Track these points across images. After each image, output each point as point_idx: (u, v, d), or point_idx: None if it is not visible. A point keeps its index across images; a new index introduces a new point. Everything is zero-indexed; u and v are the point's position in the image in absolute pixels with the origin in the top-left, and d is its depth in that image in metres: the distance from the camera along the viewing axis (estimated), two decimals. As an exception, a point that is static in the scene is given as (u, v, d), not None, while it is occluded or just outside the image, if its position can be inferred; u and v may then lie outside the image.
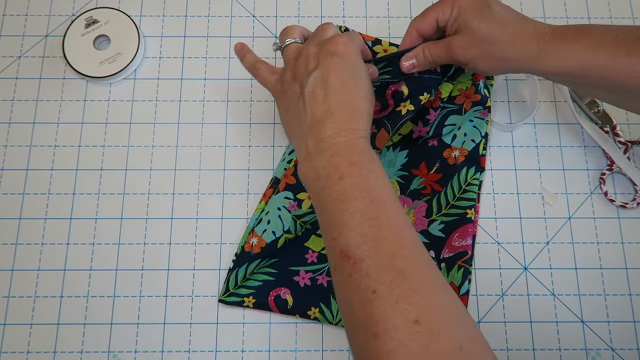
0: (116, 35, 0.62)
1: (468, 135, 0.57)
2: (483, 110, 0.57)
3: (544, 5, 0.65)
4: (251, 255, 0.54)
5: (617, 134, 0.59)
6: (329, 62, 0.44)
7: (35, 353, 0.54)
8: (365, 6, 0.65)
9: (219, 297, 0.55)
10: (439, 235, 0.55)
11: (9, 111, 0.61)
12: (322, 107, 0.43)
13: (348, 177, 0.40)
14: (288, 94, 0.47)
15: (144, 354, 0.54)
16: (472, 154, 0.57)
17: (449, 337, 0.34)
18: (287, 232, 0.54)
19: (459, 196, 0.56)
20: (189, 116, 0.61)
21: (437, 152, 0.57)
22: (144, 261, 0.56)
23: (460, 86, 0.56)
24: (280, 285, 0.55)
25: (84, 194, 0.58)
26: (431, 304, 0.36)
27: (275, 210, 0.54)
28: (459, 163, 0.56)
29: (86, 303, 0.55)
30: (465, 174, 0.56)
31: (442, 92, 0.54)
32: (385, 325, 0.35)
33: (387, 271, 0.36)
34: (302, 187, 0.54)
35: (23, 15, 0.64)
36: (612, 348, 0.54)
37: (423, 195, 0.57)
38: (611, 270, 0.56)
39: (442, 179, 0.56)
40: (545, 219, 0.58)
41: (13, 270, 0.56)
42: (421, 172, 0.57)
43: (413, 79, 0.50)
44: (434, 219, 0.56)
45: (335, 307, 0.54)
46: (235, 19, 0.65)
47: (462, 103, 0.56)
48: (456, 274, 0.54)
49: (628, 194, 0.59)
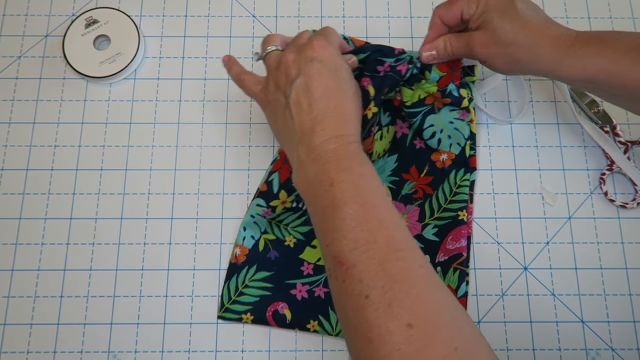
0: (116, 35, 0.62)
1: (453, 139, 0.56)
2: (461, 111, 0.55)
3: (544, 5, 0.65)
4: (238, 265, 0.55)
5: (617, 134, 0.59)
6: (309, 69, 0.43)
7: (35, 353, 0.54)
8: (365, 6, 0.65)
9: (218, 314, 0.54)
10: (433, 239, 0.55)
11: (9, 111, 0.61)
12: (309, 117, 0.43)
13: (338, 184, 0.40)
14: (273, 104, 0.46)
15: (144, 354, 0.54)
16: (459, 157, 0.56)
17: (444, 339, 0.34)
18: (264, 232, 0.55)
19: (450, 199, 0.56)
20: (189, 116, 0.61)
21: (426, 154, 0.57)
22: (144, 261, 0.56)
23: (427, 89, 0.53)
24: (277, 299, 0.54)
25: (84, 194, 0.58)
26: (424, 306, 0.35)
27: (249, 218, 0.55)
28: (447, 167, 0.56)
29: (86, 303, 0.55)
30: (454, 177, 0.56)
31: (403, 96, 0.54)
32: (379, 330, 0.35)
33: (379, 276, 0.36)
34: (275, 195, 0.54)
35: (23, 15, 0.64)
36: (612, 348, 0.54)
37: (415, 200, 0.57)
38: (611, 270, 0.56)
39: (432, 182, 0.56)
40: (545, 219, 0.58)
41: (13, 270, 0.56)
42: (412, 176, 0.57)
43: (377, 78, 0.49)
44: (427, 223, 0.56)
45: (335, 319, 0.54)
46: (235, 19, 0.65)
47: (432, 103, 0.55)
48: (452, 276, 0.54)
49: (628, 194, 0.59)
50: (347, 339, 0.38)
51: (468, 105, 0.54)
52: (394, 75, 0.50)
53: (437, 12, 0.50)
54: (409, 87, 0.53)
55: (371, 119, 0.49)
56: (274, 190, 0.54)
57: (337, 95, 0.43)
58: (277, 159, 0.56)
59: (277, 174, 0.55)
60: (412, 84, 0.53)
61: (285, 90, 0.44)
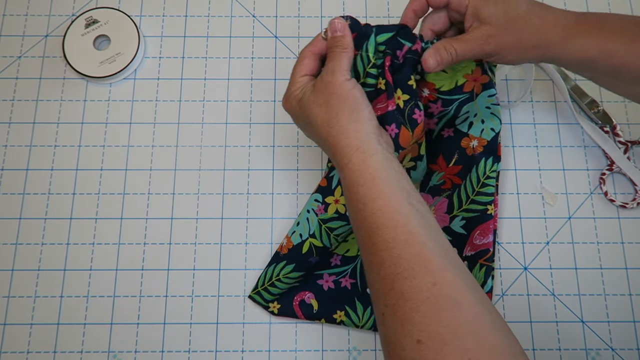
0: (116, 35, 0.62)
1: (486, 123, 0.54)
2: (496, 94, 0.51)
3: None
4: (279, 255, 0.54)
5: (617, 134, 0.59)
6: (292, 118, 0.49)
7: (35, 353, 0.54)
8: (365, 6, 0.65)
9: (249, 294, 0.55)
10: (460, 232, 0.55)
11: (9, 111, 0.61)
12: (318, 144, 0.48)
13: (351, 212, 0.43)
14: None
15: (144, 354, 0.54)
16: (491, 143, 0.54)
17: (453, 352, 0.35)
18: (312, 236, 0.53)
19: (478, 190, 0.54)
20: (189, 116, 0.61)
21: (455, 142, 0.55)
22: (144, 261, 0.56)
23: (464, 71, 0.50)
24: (304, 289, 0.54)
25: (84, 194, 0.58)
26: (432, 322, 0.36)
27: (305, 212, 0.54)
28: (477, 154, 0.54)
29: (86, 303, 0.55)
30: (483, 166, 0.54)
31: (434, 83, 0.50)
32: (394, 346, 0.37)
33: (390, 294, 0.38)
34: (331, 191, 0.53)
35: (23, 15, 0.64)
36: (612, 348, 0.54)
37: (443, 191, 0.56)
38: (611, 270, 0.56)
39: (461, 171, 0.55)
40: (545, 219, 0.58)
41: (13, 270, 0.56)
42: (439, 166, 0.56)
43: (396, 65, 0.47)
44: (455, 215, 0.55)
45: (361, 310, 0.54)
46: (235, 19, 0.65)
47: (471, 89, 0.51)
48: (478, 273, 0.53)
49: (628, 194, 0.59)
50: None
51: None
52: (413, 57, 0.47)
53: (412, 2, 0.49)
54: (443, 70, 0.49)
55: (403, 108, 0.47)
56: (332, 186, 0.53)
57: (314, 136, 0.47)
58: None
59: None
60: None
61: None
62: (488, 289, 0.53)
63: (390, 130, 0.47)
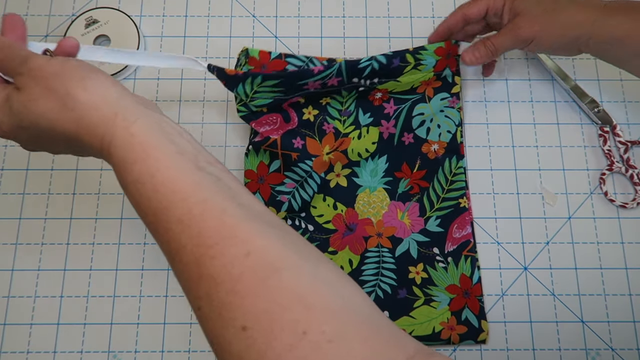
0: (116, 35, 0.62)
1: (442, 127, 0.57)
2: (451, 98, 0.57)
3: (544, 5, 0.65)
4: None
5: (617, 134, 0.59)
6: None
7: (35, 353, 0.54)
8: (365, 6, 0.65)
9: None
10: (438, 230, 0.56)
11: (9, 111, 0.61)
12: None
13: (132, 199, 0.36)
14: None
15: (144, 354, 0.54)
16: (450, 144, 0.57)
17: (285, 329, 0.29)
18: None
19: (448, 188, 0.57)
20: (189, 116, 0.61)
21: (416, 148, 0.58)
22: (144, 261, 0.56)
23: (421, 78, 0.56)
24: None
25: (84, 194, 0.58)
26: (255, 301, 0.30)
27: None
28: (440, 156, 0.57)
29: (86, 303, 0.55)
30: (449, 166, 0.57)
31: (388, 89, 0.56)
32: (219, 342, 0.31)
33: (200, 283, 0.32)
34: None
35: (23, 15, 0.64)
36: (612, 348, 0.54)
37: (412, 196, 0.57)
38: (611, 270, 0.56)
39: (426, 174, 0.57)
40: (545, 219, 0.58)
41: (13, 270, 0.56)
42: (404, 173, 0.58)
43: (309, 91, 0.54)
44: (429, 216, 0.56)
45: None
46: (235, 19, 0.65)
47: (423, 91, 0.57)
48: (465, 265, 0.54)
49: (628, 194, 0.59)
50: None
51: (459, 91, 0.57)
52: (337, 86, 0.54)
53: (461, 7, 0.54)
54: (395, 80, 0.55)
55: (313, 122, 0.56)
56: None
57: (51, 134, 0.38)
58: (248, 182, 0.56)
59: (257, 194, 0.56)
60: (398, 76, 0.55)
61: None
62: (477, 280, 0.54)
63: (297, 143, 0.55)
